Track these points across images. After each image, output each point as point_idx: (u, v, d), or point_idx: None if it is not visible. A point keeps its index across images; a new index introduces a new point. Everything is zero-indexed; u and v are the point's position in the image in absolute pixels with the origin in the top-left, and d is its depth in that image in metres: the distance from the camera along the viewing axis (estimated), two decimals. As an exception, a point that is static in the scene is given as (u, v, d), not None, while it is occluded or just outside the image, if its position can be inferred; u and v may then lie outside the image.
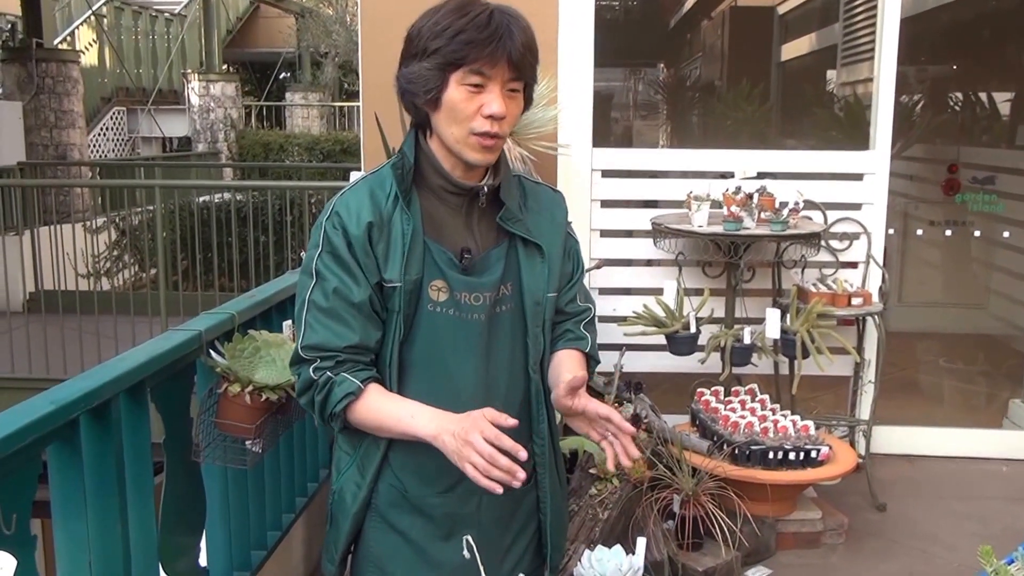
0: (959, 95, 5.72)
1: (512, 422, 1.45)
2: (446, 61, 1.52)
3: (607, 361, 3.43)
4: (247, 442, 2.11)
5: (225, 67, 15.54)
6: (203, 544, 2.26)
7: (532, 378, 1.71)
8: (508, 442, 1.42)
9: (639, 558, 1.68)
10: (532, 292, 1.68)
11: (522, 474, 1.42)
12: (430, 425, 1.51)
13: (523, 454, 1.42)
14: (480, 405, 1.62)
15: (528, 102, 1.65)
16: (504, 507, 1.70)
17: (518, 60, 1.54)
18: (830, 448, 3.36)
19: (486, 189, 1.64)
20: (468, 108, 1.54)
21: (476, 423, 1.45)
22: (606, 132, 6.40)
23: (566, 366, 1.70)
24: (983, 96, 5.60)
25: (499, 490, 1.42)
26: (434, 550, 1.68)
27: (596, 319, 1.83)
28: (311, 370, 1.59)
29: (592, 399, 1.59)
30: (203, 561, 2.27)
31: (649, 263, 4.07)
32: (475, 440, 1.42)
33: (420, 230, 1.61)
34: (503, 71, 1.54)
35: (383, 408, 1.58)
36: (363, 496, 1.69)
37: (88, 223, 7.60)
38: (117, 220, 8.38)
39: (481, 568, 1.42)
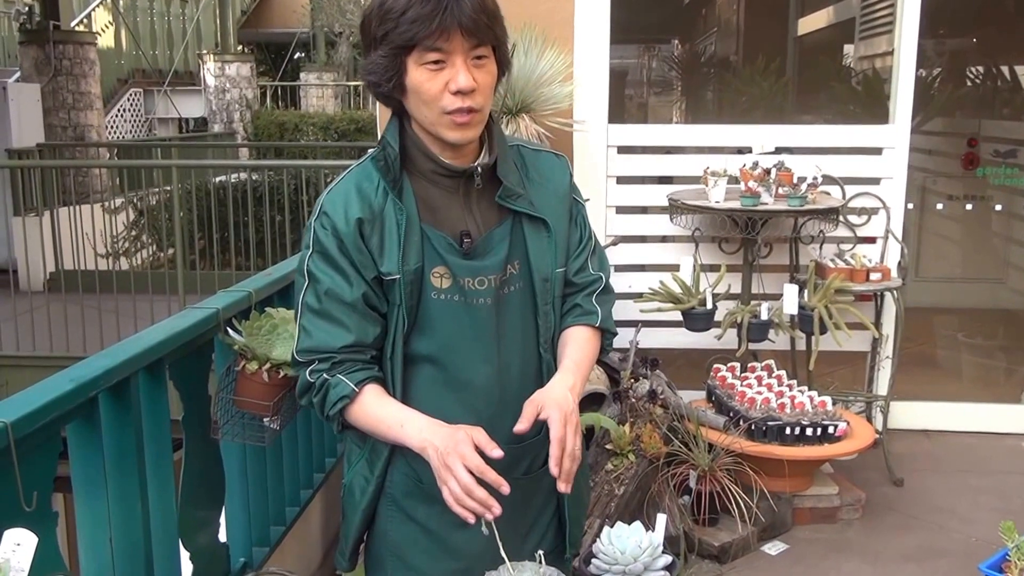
0: (980, 67, 5.64)
1: (498, 454, 1.41)
2: (398, 45, 1.45)
3: (623, 337, 3.43)
4: (265, 419, 2.11)
5: (240, 48, 15.52)
6: (223, 520, 2.29)
7: (544, 357, 1.66)
8: (492, 476, 1.39)
9: (658, 535, 1.68)
10: (540, 269, 1.62)
11: (497, 509, 1.39)
12: (417, 437, 1.48)
13: (505, 489, 1.40)
14: (493, 391, 1.61)
15: (503, 65, 1.55)
16: (523, 489, 1.67)
17: (471, 26, 1.43)
18: (847, 424, 3.36)
19: (480, 170, 1.57)
20: (433, 88, 1.46)
21: (459, 447, 1.41)
22: (622, 108, 6.37)
23: (568, 350, 1.65)
24: (1004, 68, 5.52)
25: (471, 519, 1.40)
26: (453, 538, 1.66)
27: (611, 287, 1.75)
28: (307, 372, 1.57)
29: (553, 417, 1.47)
30: (223, 536, 2.29)
31: (664, 239, 4.06)
32: (454, 465, 1.40)
33: (415, 218, 1.55)
34: (460, 42, 1.44)
35: (377, 413, 1.55)
36: (372, 490, 1.66)
37: (106, 203, 7.64)
38: (135, 200, 8.43)
39: (500, 546, 1.41)
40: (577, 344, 1.67)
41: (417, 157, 1.57)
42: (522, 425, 1.48)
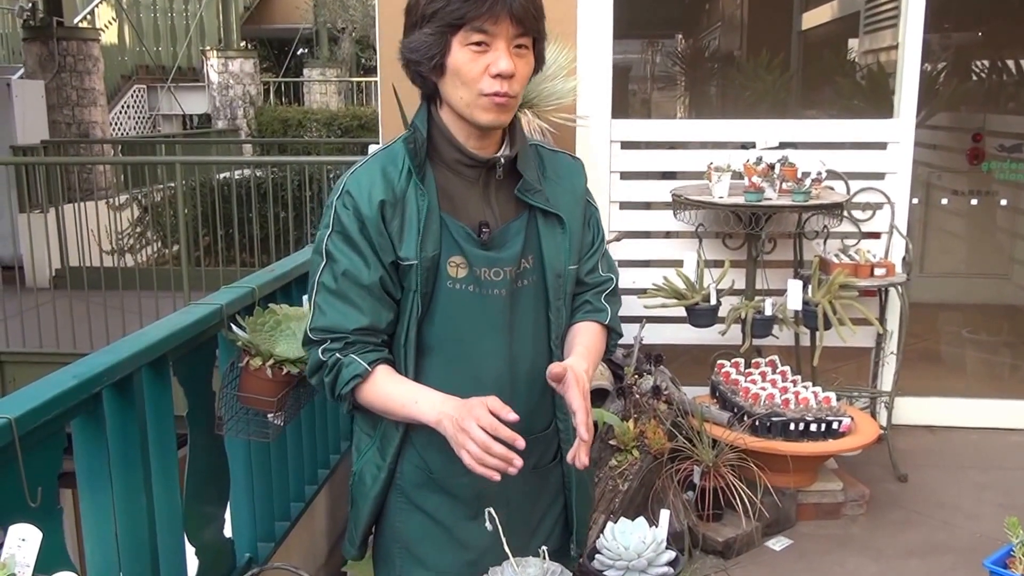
0: (985, 62, 5.63)
1: (513, 417, 1.42)
2: (446, 23, 1.47)
3: (627, 333, 3.42)
4: (269, 415, 2.12)
5: (243, 44, 15.53)
6: (228, 515, 2.29)
7: (555, 352, 1.67)
8: (505, 432, 1.40)
9: (662, 530, 1.67)
10: (553, 265, 1.64)
11: (519, 461, 1.41)
12: (432, 411, 1.50)
13: (520, 443, 1.40)
14: (504, 383, 1.61)
15: (539, 60, 1.59)
16: (532, 484, 1.69)
17: (520, 14, 1.47)
18: (851, 419, 3.35)
19: (503, 161, 1.59)
20: (474, 69, 1.49)
21: (472, 410, 1.43)
22: (625, 104, 6.36)
23: (579, 339, 1.67)
24: (1010, 63, 5.50)
25: (496, 477, 1.41)
26: (462, 530, 1.67)
27: (618, 289, 1.78)
28: (320, 351, 1.58)
29: (573, 387, 1.49)
30: (228, 532, 2.30)
31: (668, 235, 4.05)
32: (470, 427, 1.41)
33: (436, 206, 1.57)
34: (507, 27, 1.47)
35: (389, 391, 1.56)
36: (383, 478, 1.67)
37: (111, 200, 7.65)
38: (139, 197, 8.44)
39: (504, 540, 1.41)
40: (586, 336, 1.69)
41: (442, 145, 1.59)
42: (556, 370, 1.50)
